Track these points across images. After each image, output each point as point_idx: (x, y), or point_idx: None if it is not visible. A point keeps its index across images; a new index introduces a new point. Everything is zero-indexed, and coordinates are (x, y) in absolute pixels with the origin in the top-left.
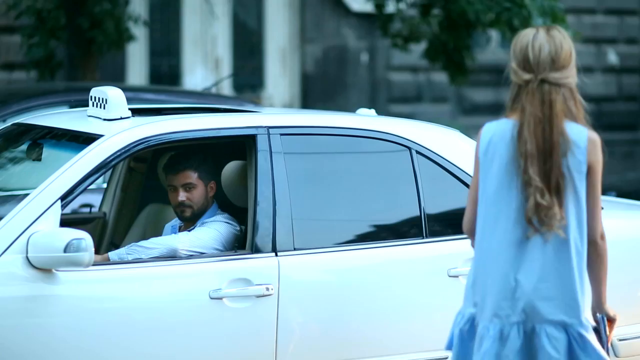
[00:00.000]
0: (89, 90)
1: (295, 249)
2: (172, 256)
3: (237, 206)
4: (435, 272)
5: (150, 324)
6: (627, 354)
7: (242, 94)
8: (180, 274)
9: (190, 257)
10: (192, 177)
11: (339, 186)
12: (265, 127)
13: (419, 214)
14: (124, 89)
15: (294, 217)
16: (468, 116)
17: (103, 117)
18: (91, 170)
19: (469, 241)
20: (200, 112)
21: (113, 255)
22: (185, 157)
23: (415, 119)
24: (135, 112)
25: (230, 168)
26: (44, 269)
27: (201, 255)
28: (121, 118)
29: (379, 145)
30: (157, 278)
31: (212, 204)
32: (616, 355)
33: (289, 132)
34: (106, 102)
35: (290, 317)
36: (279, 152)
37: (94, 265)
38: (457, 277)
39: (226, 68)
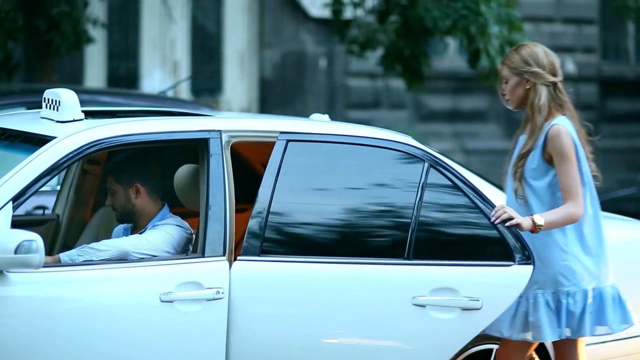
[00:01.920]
0: (44, 92)
1: (248, 254)
2: (123, 258)
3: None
4: (398, 298)
5: (101, 326)
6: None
7: (200, 97)
8: (131, 276)
9: (141, 259)
10: (111, 181)
11: (299, 194)
12: (217, 130)
13: (406, 232)
14: (81, 92)
15: (251, 222)
16: (425, 123)
17: (56, 119)
18: (43, 172)
19: (452, 269)
20: (154, 116)
21: (64, 256)
22: (108, 161)
23: (373, 125)
24: (90, 114)
25: (183, 171)
26: None
27: (152, 257)
28: (74, 120)
29: (341, 150)
30: (108, 280)
31: (162, 207)
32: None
33: (238, 135)
34: (59, 104)
35: (241, 321)
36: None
37: (44, 266)
38: (423, 306)
39: (185, 71)
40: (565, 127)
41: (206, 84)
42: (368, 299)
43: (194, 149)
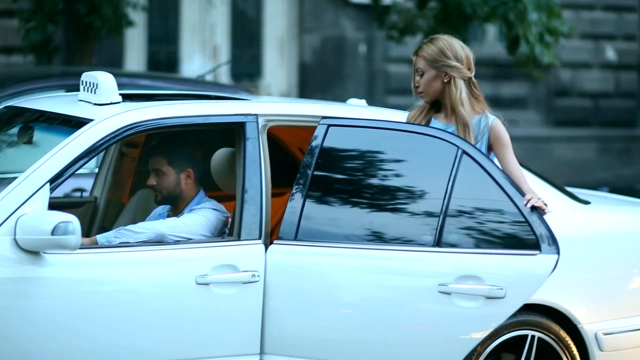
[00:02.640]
0: None
1: (283, 238)
2: (159, 241)
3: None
4: (425, 285)
5: (136, 307)
6: (611, 348)
7: (239, 82)
8: (167, 258)
9: (177, 242)
10: (162, 163)
11: (337, 180)
12: (254, 114)
13: (437, 220)
14: (120, 75)
15: (288, 206)
16: None
17: (93, 102)
18: (80, 155)
19: (478, 256)
20: (192, 99)
21: (101, 238)
22: (160, 142)
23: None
24: (127, 97)
25: (219, 155)
26: (32, 251)
27: (188, 240)
28: (111, 103)
29: (378, 135)
30: (145, 262)
31: (198, 191)
32: (600, 349)
33: (277, 119)
34: (97, 87)
35: (276, 305)
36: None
37: (81, 248)
38: (448, 294)
39: (224, 56)
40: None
41: (246, 69)
42: (397, 285)
43: (230, 133)
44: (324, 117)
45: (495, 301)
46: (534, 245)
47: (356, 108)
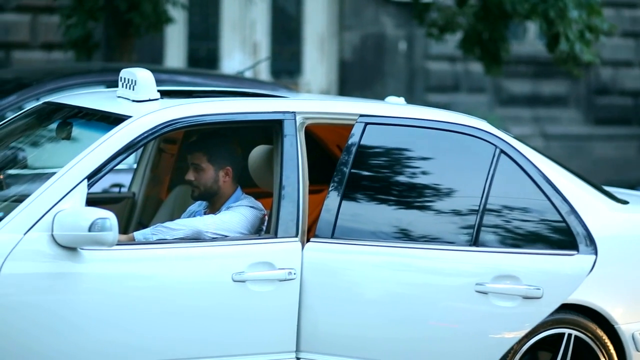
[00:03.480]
0: None
1: (320, 236)
2: (196, 238)
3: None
4: (461, 285)
5: (173, 304)
6: None
7: (279, 79)
8: (204, 255)
9: (214, 239)
10: (202, 159)
11: (374, 178)
12: (292, 112)
13: (474, 219)
14: (159, 71)
15: (325, 204)
16: (505, 107)
17: (132, 99)
18: (118, 151)
19: (515, 256)
20: (230, 96)
21: (138, 235)
22: (200, 138)
23: (452, 109)
24: (165, 94)
25: (257, 152)
26: (69, 247)
27: (225, 238)
28: (150, 100)
29: (446, 137)
30: (181, 259)
31: (236, 189)
32: (638, 350)
33: (313, 117)
34: (135, 84)
35: (312, 302)
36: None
37: (118, 244)
38: (485, 293)
39: (264, 53)
40: None
41: (285, 66)
42: (433, 284)
43: (268, 130)
44: (361, 115)
45: (532, 301)
46: (571, 245)
47: (394, 106)
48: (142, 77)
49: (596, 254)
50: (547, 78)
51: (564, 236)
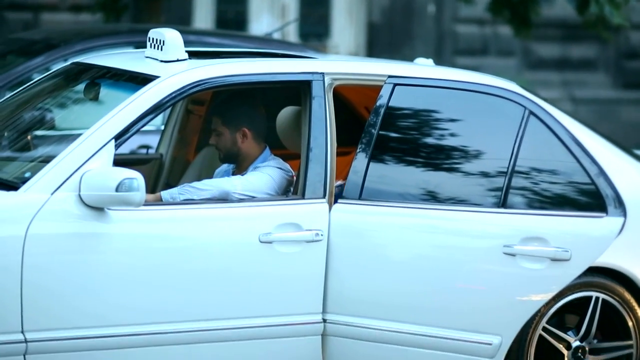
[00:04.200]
0: None
1: (348, 198)
2: (223, 199)
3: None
4: (489, 246)
5: (200, 264)
6: None
7: (307, 42)
8: (231, 216)
9: (241, 200)
10: (217, 123)
11: (402, 139)
12: (320, 73)
13: (502, 181)
14: (187, 32)
15: (353, 166)
16: (534, 71)
17: (160, 59)
18: (146, 111)
19: (543, 218)
20: (259, 57)
21: (165, 194)
22: (217, 103)
23: (481, 72)
24: (194, 55)
25: (285, 113)
26: (96, 207)
27: (252, 199)
28: (178, 60)
29: (476, 99)
30: (208, 220)
31: (264, 149)
32: None
33: (345, 78)
34: (163, 44)
35: (339, 264)
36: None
37: (145, 204)
38: (513, 255)
39: (292, 15)
40: None
41: (314, 29)
42: (460, 246)
43: (297, 91)
44: (390, 77)
45: (560, 263)
46: (600, 207)
47: (423, 67)
48: (170, 38)
49: (625, 216)
50: (576, 41)
51: (592, 198)
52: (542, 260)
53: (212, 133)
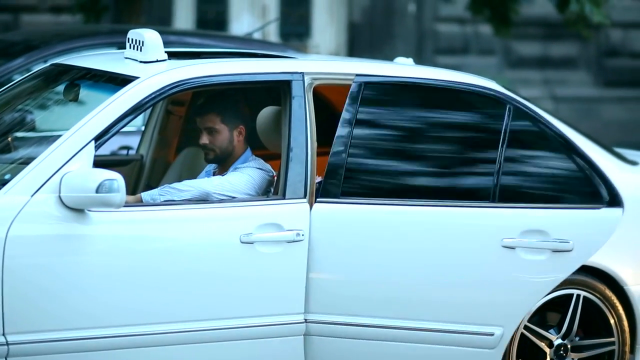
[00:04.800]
0: None
1: (330, 197)
2: (204, 199)
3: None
4: (486, 241)
5: (181, 265)
6: None
7: (288, 42)
8: (212, 217)
9: (221, 201)
10: (215, 121)
11: (380, 137)
12: (300, 72)
13: (492, 176)
14: (168, 33)
15: (332, 165)
16: (514, 69)
17: (139, 60)
18: (125, 112)
19: (538, 211)
20: (239, 57)
21: (146, 195)
22: (211, 100)
23: (462, 71)
24: (173, 55)
25: (265, 113)
26: (76, 209)
27: (233, 199)
28: (157, 61)
29: (463, 97)
30: (189, 220)
31: (246, 149)
32: None
33: (324, 77)
34: (143, 45)
35: (321, 264)
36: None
37: (126, 206)
38: (512, 248)
39: (273, 15)
40: None
41: (294, 28)
42: (454, 242)
43: (277, 91)
44: (357, 75)
45: (562, 254)
46: (597, 199)
47: (396, 66)
48: (149, 38)
49: (623, 207)
50: (556, 40)
51: (587, 191)
52: (543, 252)
53: (201, 133)
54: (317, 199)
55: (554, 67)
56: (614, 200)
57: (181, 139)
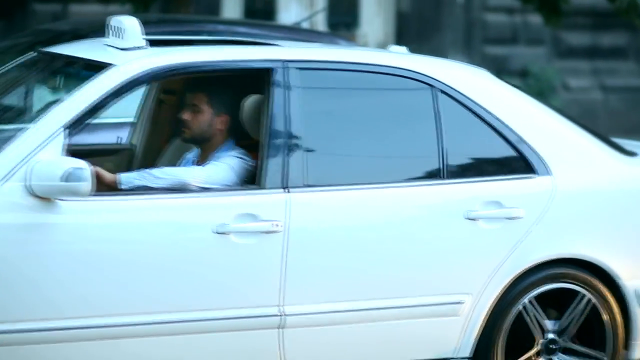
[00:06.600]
0: (181, 22)
1: (307, 186)
2: (181, 189)
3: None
4: (452, 215)
5: (152, 256)
6: None
7: (336, 31)
8: (186, 206)
9: (199, 190)
10: (202, 100)
11: (356, 123)
12: (282, 60)
13: (438, 154)
14: (218, 22)
15: (308, 154)
16: (563, 59)
17: (120, 47)
18: (99, 99)
19: (489, 184)
20: (222, 45)
21: (124, 177)
22: (205, 81)
23: (510, 61)
24: (156, 43)
25: (249, 101)
26: (45, 198)
27: (210, 189)
28: (136, 48)
29: (401, 82)
30: (162, 210)
31: (228, 140)
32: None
33: (306, 66)
34: (123, 32)
35: (298, 255)
36: (296, 86)
37: (96, 194)
38: (475, 220)
39: (321, 5)
40: None
41: (342, 18)
42: (422, 219)
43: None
44: (285, 61)
45: (516, 221)
46: (529, 169)
47: (389, 54)
48: (129, 25)
49: (551, 174)
50: (606, 29)
51: (520, 162)
52: (500, 221)
53: (186, 107)
54: (291, 188)
55: (603, 57)
56: (542, 168)
57: (172, 128)
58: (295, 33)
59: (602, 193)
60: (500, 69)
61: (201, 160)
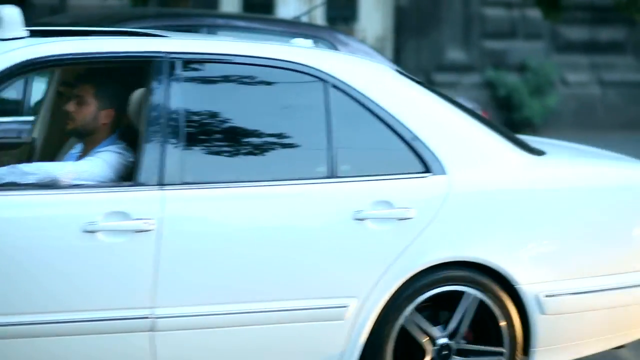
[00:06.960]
0: (179, 16)
1: (185, 183)
2: (51, 185)
3: None
4: (338, 215)
5: (16, 254)
6: (554, 311)
7: (335, 25)
8: (52, 203)
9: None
10: (88, 92)
11: (241, 119)
12: (163, 52)
13: (326, 151)
14: (217, 16)
15: (187, 149)
16: (562, 54)
17: None
18: None
19: (379, 183)
20: (106, 36)
21: None
22: (93, 73)
23: (508, 55)
24: (37, 33)
25: (136, 95)
26: None
27: (80, 184)
28: (14, 38)
29: (291, 76)
30: (28, 206)
31: (112, 134)
32: (542, 313)
33: (190, 58)
34: (2, 22)
35: (172, 255)
36: (178, 79)
37: None
38: (363, 220)
39: (320, 0)
40: None
41: (341, 12)
42: (305, 218)
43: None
44: (168, 52)
45: (407, 222)
46: (423, 167)
47: (280, 47)
48: (8, 15)
49: (446, 173)
50: (604, 24)
51: (414, 160)
52: (390, 222)
53: (73, 99)
54: (167, 186)
55: (601, 52)
56: (437, 166)
57: None
58: (294, 27)
59: (501, 194)
60: (499, 64)
61: (83, 155)
